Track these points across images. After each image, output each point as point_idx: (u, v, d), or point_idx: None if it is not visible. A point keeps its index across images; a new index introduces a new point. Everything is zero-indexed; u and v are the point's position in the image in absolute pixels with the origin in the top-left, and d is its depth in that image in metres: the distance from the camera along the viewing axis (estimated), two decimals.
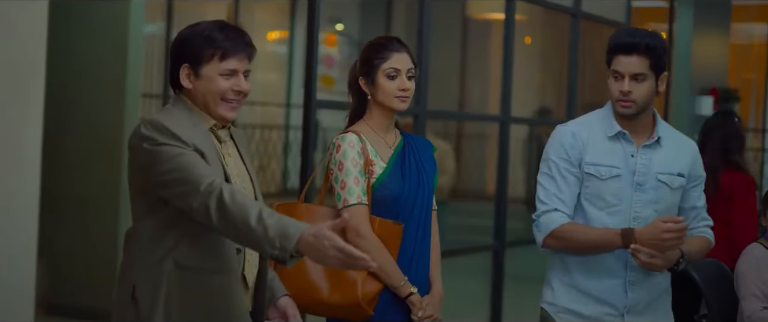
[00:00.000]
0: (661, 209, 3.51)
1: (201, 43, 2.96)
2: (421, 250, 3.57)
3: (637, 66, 3.43)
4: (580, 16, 7.30)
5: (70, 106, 6.95)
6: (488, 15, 11.90)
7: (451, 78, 11.45)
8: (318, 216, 3.52)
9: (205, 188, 2.78)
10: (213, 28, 2.99)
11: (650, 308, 3.58)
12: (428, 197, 3.59)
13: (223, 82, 2.98)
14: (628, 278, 3.52)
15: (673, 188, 3.53)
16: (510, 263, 6.67)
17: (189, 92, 3.00)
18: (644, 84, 3.44)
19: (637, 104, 3.46)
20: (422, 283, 3.57)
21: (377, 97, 3.52)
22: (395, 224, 3.46)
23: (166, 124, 2.87)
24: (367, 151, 3.50)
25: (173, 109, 3.02)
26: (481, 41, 12.01)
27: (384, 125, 3.58)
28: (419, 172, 3.58)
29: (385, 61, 3.50)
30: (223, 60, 2.97)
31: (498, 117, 6.69)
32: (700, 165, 3.64)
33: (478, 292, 6.68)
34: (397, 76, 3.50)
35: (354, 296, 3.42)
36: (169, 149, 2.85)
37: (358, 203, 3.45)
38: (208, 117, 3.01)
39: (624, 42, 3.45)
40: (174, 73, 3.01)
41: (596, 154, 3.55)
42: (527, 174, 10.44)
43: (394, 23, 11.72)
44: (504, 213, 6.53)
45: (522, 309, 6.77)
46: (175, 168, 2.83)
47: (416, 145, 3.66)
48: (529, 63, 11.11)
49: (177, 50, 3.00)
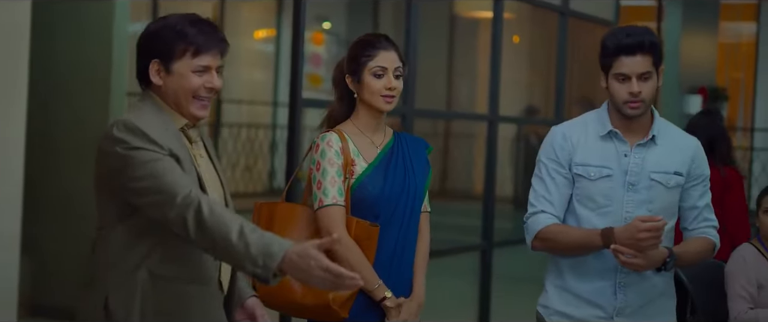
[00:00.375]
0: (656, 208, 3.43)
1: (173, 37, 2.84)
2: (402, 252, 3.51)
3: (642, 65, 3.39)
4: (568, 15, 7.28)
5: (55, 105, 6.90)
6: (476, 13, 11.87)
7: (439, 77, 11.41)
8: (297, 216, 3.49)
9: (182, 200, 2.67)
10: (184, 22, 2.87)
11: (643, 312, 3.50)
12: (414, 199, 3.52)
13: (195, 79, 2.86)
14: (619, 280, 3.47)
15: (668, 187, 3.47)
16: (498, 263, 6.64)
17: (158, 89, 2.88)
18: (650, 82, 3.41)
19: (645, 104, 3.43)
20: (403, 287, 3.50)
21: (363, 96, 3.46)
22: (371, 226, 3.39)
23: (140, 126, 2.75)
24: (348, 151, 3.43)
25: (143, 107, 2.88)
26: (469, 40, 11.98)
27: (371, 125, 3.52)
28: (406, 173, 3.52)
29: (371, 58, 3.44)
30: (196, 56, 2.86)
31: (486, 116, 6.66)
32: (702, 163, 3.55)
33: (466, 292, 6.65)
34: (384, 74, 3.44)
35: (325, 298, 3.35)
36: (143, 154, 2.72)
37: (333, 203, 3.38)
38: (178, 116, 2.90)
39: (626, 43, 3.39)
40: (142, 68, 2.89)
41: (586, 155, 3.51)
42: (515, 173, 10.41)
43: (382, 21, 11.68)
44: (492, 213, 6.50)
45: (510, 309, 6.75)
46: (150, 175, 2.71)
47: (408, 146, 3.59)
48: (517, 61, 11.08)
49: (146, 44, 2.88)
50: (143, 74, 2.89)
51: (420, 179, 3.56)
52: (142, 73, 2.89)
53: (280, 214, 3.51)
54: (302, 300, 3.39)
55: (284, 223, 3.48)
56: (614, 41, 3.41)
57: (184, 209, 2.66)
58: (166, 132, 2.81)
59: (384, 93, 3.43)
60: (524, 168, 9.97)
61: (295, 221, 3.49)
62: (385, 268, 3.45)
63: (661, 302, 3.56)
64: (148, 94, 2.91)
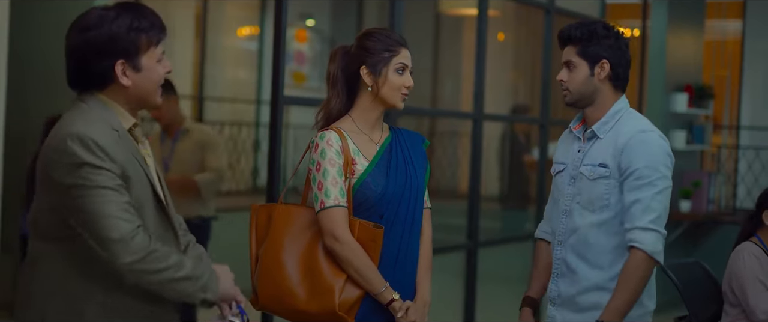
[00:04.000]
0: (582, 201, 3.50)
1: (133, 34, 2.71)
2: (406, 252, 3.42)
3: (566, 54, 3.52)
4: (553, 12, 7.24)
5: (33, 104, 6.83)
6: (461, 11, 11.83)
7: (424, 74, 11.36)
8: (297, 217, 3.40)
9: (118, 245, 2.60)
10: (128, 14, 2.72)
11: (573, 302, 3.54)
12: (416, 196, 3.43)
13: (160, 69, 2.78)
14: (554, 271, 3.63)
15: (590, 179, 3.46)
16: (484, 262, 6.60)
17: (117, 90, 2.75)
18: (575, 72, 3.49)
19: (571, 92, 3.52)
20: (408, 287, 3.41)
21: (380, 91, 3.38)
22: (375, 227, 3.30)
23: (96, 140, 2.61)
24: (348, 150, 3.34)
25: (90, 112, 2.72)
26: (454, 37, 11.93)
27: (371, 121, 3.43)
28: (407, 169, 3.43)
29: (396, 55, 3.40)
30: (157, 45, 2.77)
31: (471, 114, 6.61)
32: (632, 155, 3.39)
33: (451, 292, 6.60)
34: (405, 71, 3.41)
35: (331, 304, 3.26)
36: (94, 177, 2.59)
37: (335, 205, 3.29)
38: (128, 116, 2.78)
39: (559, 35, 3.55)
40: (101, 71, 2.73)
41: (558, 151, 3.69)
42: (501, 172, 10.36)
43: (366, 19, 11.62)
44: (477, 212, 6.45)
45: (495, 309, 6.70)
46: (96, 193, 2.59)
47: (406, 141, 3.51)
48: (502, 59, 11.04)
49: (103, 47, 2.70)
50: (99, 77, 2.74)
51: (420, 174, 3.48)
52: (98, 76, 2.74)
53: (279, 216, 3.42)
54: (306, 307, 3.29)
55: (283, 225, 3.40)
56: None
57: (119, 253, 2.61)
58: (118, 144, 2.68)
59: (403, 91, 3.41)
60: (510, 166, 9.94)
61: (294, 222, 3.40)
62: (390, 268, 3.36)
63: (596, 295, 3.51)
64: (95, 98, 2.76)
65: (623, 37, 3.53)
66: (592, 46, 3.47)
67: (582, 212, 3.49)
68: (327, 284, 3.28)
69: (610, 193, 3.43)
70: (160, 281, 2.66)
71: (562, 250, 3.57)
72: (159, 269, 2.64)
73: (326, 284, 3.28)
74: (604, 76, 3.49)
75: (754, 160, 10.58)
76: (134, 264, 2.61)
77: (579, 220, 3.50)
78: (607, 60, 3.48)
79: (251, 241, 3.50)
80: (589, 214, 3.47)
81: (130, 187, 2.68)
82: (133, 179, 2.69)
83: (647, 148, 3.40)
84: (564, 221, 3.56)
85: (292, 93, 9.84)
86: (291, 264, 3.33)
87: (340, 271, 3.30)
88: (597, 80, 3.49)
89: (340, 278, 3.28)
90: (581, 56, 3.48)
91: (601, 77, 3.49)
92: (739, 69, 11.04)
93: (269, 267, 3.37)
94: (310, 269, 3.32)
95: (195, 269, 2.72)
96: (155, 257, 2.63)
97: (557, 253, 3.58)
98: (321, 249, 3.32)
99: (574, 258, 3.51)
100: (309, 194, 3.42)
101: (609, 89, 3.52)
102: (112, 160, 2.62)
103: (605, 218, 3.45)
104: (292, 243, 3.36)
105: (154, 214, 2.78)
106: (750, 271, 4.33)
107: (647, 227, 3.34)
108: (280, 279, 3.33)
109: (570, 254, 3.53)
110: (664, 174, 3.39)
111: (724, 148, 10.98)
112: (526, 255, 7.16)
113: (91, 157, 2.59)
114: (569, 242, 3.53)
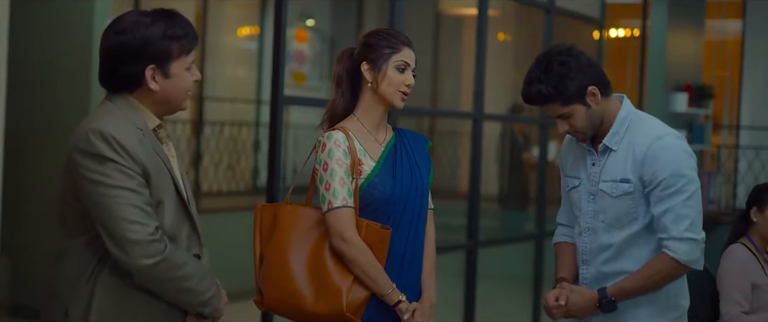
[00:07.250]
0: (608, 219, 3.42)
1: (166, 41, 2.76)
2: (412, 253, 3.41)
3: (552, 111, 3.37)
4: (554, 12, 7.23)
5: (34, 103, 6.84)
6: (461, 11, 11.82)
7: (424, 74, 11.35)
8: (303, 217, 3.38)
9: (133, 245, 2.66)
10: (164, 20, 2.79)
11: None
12: (421, 197, 3.43)
13: (189, 77, 2.83)
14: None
15: (613, 196, 3.38)
16: (484, 262, 6.59)
17: (146, 93, 2.80)
18: (574, 118, 3.35)
19: (583, 133, 3.39)
20: (413, 288, 3.41)
21: (379, 88, 3.37)
22: (382, 228, 3.28)
23: (117, 137, 2.67)
24: (355, 150, 3.33)
25: (115, 111, 2.78)
26: (454, 37, 11.93)
27: (375, 120, 3.43)
28: (412, 170, 3.42)
29: (397, 52, 3.39)
30: (188, 54, 2.82)
31: (471, 114, 6.61)
32: (654, 164, 3.31)
33: (451, 292, 6.59)
34: (406, 70, 3.39)
35: (338, 305, 3.24)
36: (114, 172, 2.65)
37: (343, 205, 3.27)
38: (154, 117, 2.83)
39: (529, 100, 3.38)
40: (131, 75, 2.78)
41: (568, 165, 3.57)
42: (501, 172, 10.36)
43: (366, 19, 11.61)
44: (477, 212, 6.45)
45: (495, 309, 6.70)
46: (116, 194, 2.65)
47: (409, 142, 3.50)
48: (502, 59, 11.04)
49: (136, 51, 2.75)
50: (129, 79, 2.79)
51: (425, 175, 3.48)
52: (128, 79, 2.79)
53: (285, 216, 3.40)
54: (313, 308, 3.28)
55: (290, 225, 3.38)
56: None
57: (134, 254, 2.67)
58: (142, 143, 2.73)
59: (402, 88, 3.39)
60: (510, 167, 9.93)
61: (301, 223, 3.38)
62: (396, 270, 3.36)
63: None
64: (125, 99, 2.81)
65: (576, 48, 3.37)
66: (567, 90, 3.30)
67: (610, 230, 3.41)
68: (335, 285, 3.27)
69: (636, 208, 3.36)
70: (166, 288, 2.75)
71: (587, 270, 3.50)
72: (169, 278, 2.72)
73: (334, 285, 3.27)
74: (598, 97, 3.36)
75: (754, 160, 10.57)
76: (147, 269, 2.67)
77: (609, 238, 3.42)
78: (588, 84, 3.33)
79: (255, 241, 3.48)
80: (618, 231, 3.39)
81: (151, 184, 2.73)
82: (154, 176, 2.74)
83: (668, 155, 3.30)
84: (587, 240, 3.48)
85: (292, 93, 9.84)
86: (298, 265, 3.31)
87: (348, 272, 3.28)
88: (595, 106, 3.35)
89: (348, 279, 3.27)
90: (568, 104, 3.33)
91: (597, 101, 3.35)
92: (739, 69, 11.04)
93: (275, 268, 3.35)
94: (318, 270, 3.30)
95: (201, 283, 2.82)
96: (167, 266, 2.70)
97: (583, 272, 3.51)
98: (328, 250, 3.31)
99: (609, 266, 3.44)
100: (314, 194, 3.41)
101: (606, 102, 3.40)
102: (132, 157, 2.67)
103: (635, 230, 3.38)
104: (298, 243, 3.35)
105: (175, 212, 2.82)
106: (729, 278, 4.34)
107: (682, 237, 3.28)
108: (287, 280, 3.31)
109: (603, 266, 3.45)
110: (690, 178, 3.29)
111: (724, 148, 10.98)
112: (527, 255, 7.15)
113: (112, 153, 2.64)
114: (601, 257, 3.45)
